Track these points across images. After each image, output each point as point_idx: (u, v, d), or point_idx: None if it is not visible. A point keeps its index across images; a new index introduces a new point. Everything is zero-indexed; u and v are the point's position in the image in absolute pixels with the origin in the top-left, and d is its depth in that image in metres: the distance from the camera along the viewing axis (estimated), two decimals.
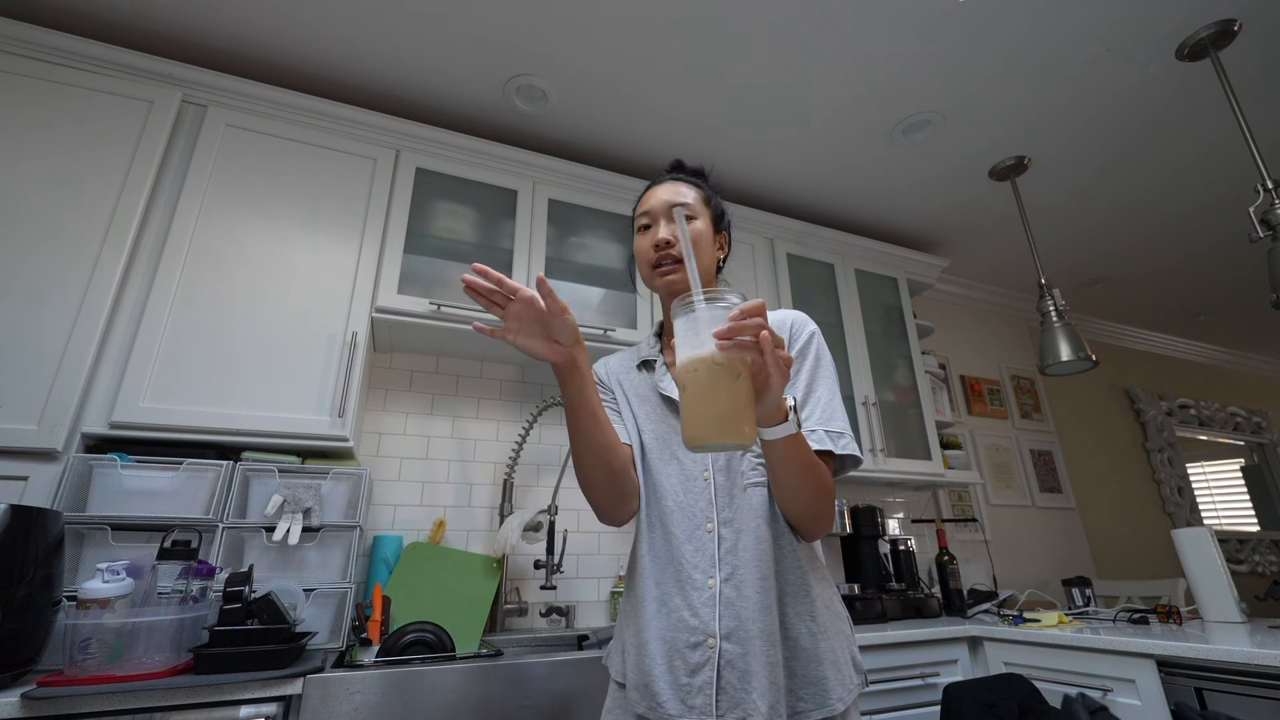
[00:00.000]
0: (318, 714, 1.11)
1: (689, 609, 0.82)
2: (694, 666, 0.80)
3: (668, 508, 0.89)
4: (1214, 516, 4.01)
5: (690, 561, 0.84)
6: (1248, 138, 1.77)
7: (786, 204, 2.63)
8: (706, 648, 0.80)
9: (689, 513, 0.87)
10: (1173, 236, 2.97)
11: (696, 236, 0.93)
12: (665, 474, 0.91)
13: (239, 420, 1.47)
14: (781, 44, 1.83)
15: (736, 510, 0.85)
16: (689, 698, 0.79)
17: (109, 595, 1.07)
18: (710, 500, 0.86)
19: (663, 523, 0.88)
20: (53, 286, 1.40)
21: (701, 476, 0.88)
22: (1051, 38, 1.82)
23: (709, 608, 0.81)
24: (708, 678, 0.78)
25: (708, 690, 0.78)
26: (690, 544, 0.85)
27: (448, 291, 1.92)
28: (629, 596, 0.92)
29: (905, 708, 1.68)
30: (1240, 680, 1.29)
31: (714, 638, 0.80)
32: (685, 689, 0.79)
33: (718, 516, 0.85)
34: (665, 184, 0.99)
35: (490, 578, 1.74)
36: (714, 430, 0.59)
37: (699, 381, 0.61)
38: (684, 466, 0.90)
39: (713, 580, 0.82)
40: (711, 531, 0.85)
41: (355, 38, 1.79)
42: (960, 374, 3.27)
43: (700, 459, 0.89)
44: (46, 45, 1.58)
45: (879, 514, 2.26)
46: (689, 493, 0.88)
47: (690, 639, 0.81)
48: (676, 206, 0.90)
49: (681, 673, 0.80)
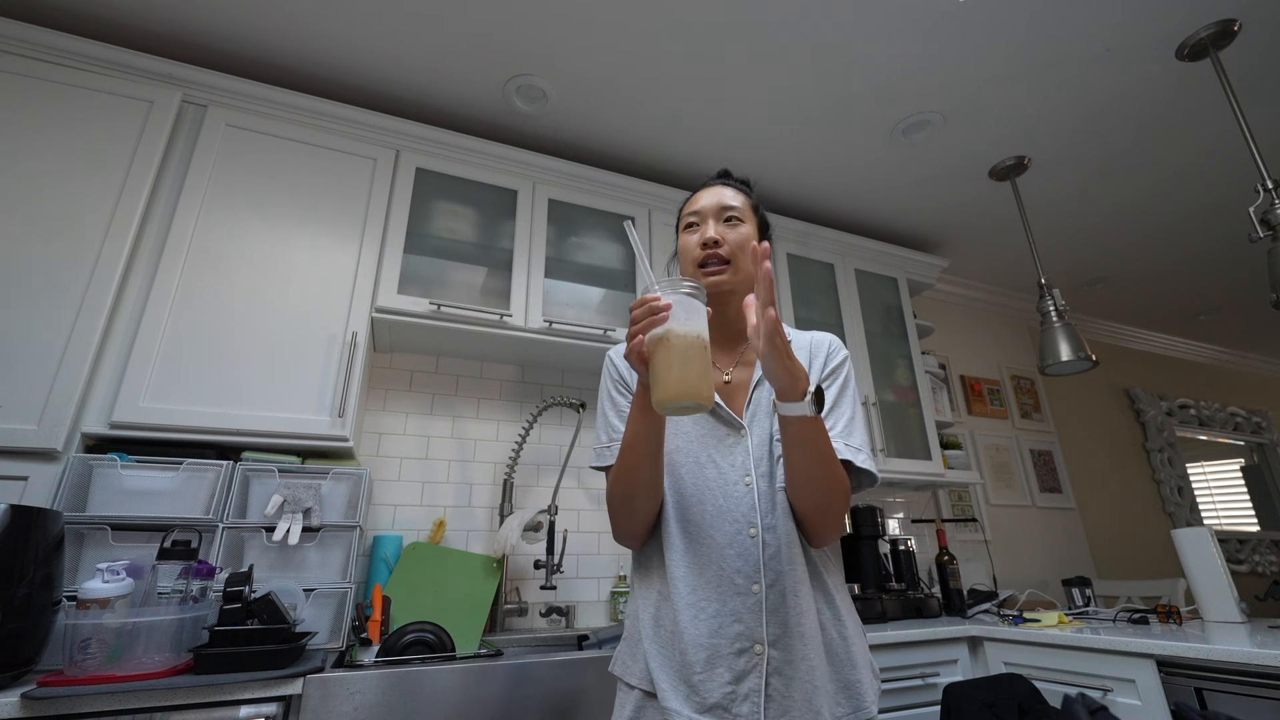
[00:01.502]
0: (318, 714, 1.11)
1: (733, 615, 0.81)
2: (740, 674, 0.79)
3: (707, 513, 0.86)
4: (1214, 516, 4.01)
5: (733, 567, 0.83)
6: (1248, 138, 1.77)
7: (786, 204, 2.63)
8: (754, 654, 0.79)
9: (730, 518, 0.85)
10: (1173, 236, 2.97)
11: (743, 240, 0.96)
12: (701, 478, 0.89)
13: (239, 420, 1.47)
14: (782, 43, 1.83)
15: (777, 516, 0.85)
16: (734, 704, 0.77)
17: (109, 595, 1.07)
18: (753, 505, 0.85)
19: (700, 528, 0.86)
20: (53, 286, 1.40)
21: (743, 481, 0.87)
22: (1051, 38, 1.82)
23: (754, 613, 0.80)
24: (755, 684, 0.78)
25: (755, 698, 0.77)
26: (732, 549, 0.84)
27: (448, 291, 1.92)
28: (651, 602, 0.88)
29: (905, 708, 1.68)
30: (1240, 680, 1.29)
31: (761, 644, 0.79)
32: (730, 696, 0.78)
33: (761, 522, 0.84)
34: (714, 187, 1.01)
35: (490, 578, 1.74)
36: (674, 393, 0.69)
37: (660, 354, 0.71)
38: (722, 471, 0.88)
39: (757, 586, 0.81)
40: (755, 537, 0.84)
41: (355, 38, 1.79)
42: (960, 374, 3.27)
43: (740, 464, 0.88)
44: (46, 45, 1.58)
45: (879, 514, 2.26)
46: (729, 498, 0.86)
47: (736, 645, 0.80)
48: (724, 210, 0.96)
49: (725, 680, 0.79)
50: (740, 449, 0.89)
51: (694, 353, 0.70)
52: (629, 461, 0.84)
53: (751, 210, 1.01)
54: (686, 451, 0.91)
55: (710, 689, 0.78)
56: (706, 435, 0.91)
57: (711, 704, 0.78)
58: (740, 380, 0.95)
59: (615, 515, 0.89)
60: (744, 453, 0.88)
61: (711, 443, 0.90)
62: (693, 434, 0.91)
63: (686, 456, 0.90)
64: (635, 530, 0.89)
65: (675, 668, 0.82)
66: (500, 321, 1.85)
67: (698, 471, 0.89)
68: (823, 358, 0.97)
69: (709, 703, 0.78)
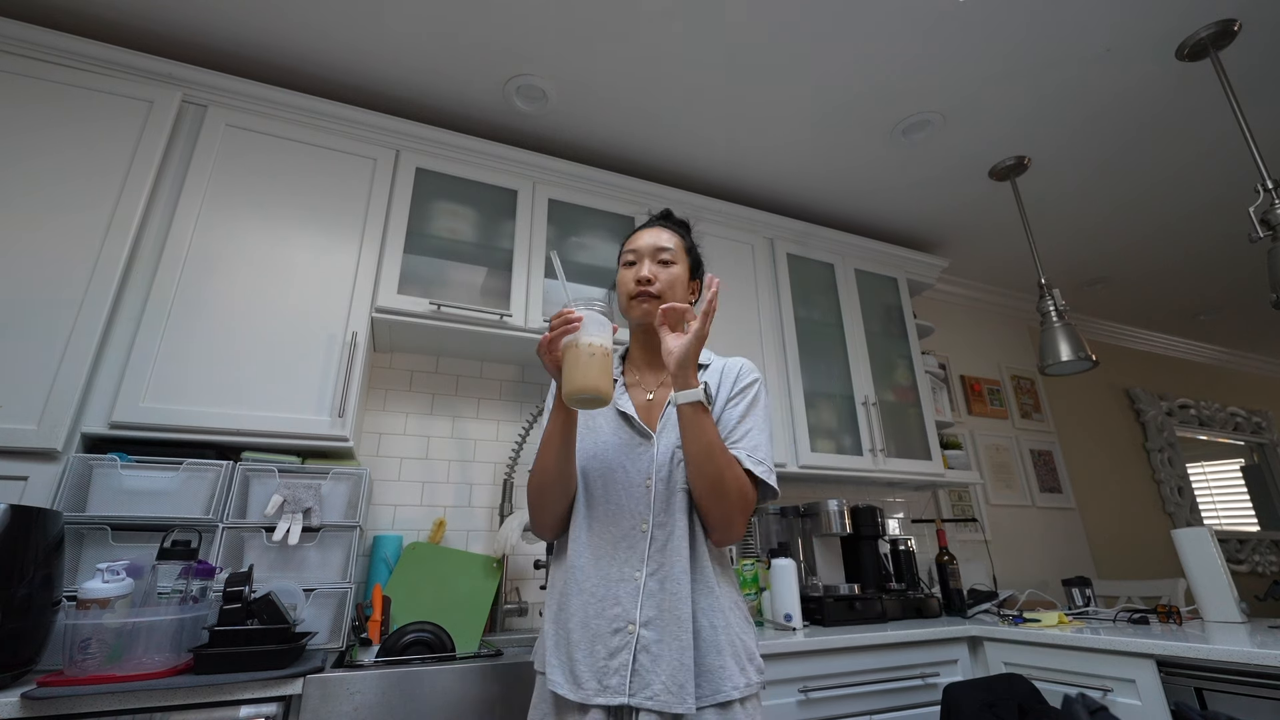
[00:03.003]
0: (318, 714, 1.11)
1: (614, 599, 0.93)
2: (613, 650, 0.90)
3: (610, 510, 0.99)
4: (1214, 516, 4.01)
5: (623, 557, 0.95)
6: (1248, 138, 1.77)
7: (786, 204, 2.63)
8: (627, 633, 0.90)
9: (628, 513, 0.98)
10: (1173, 236, 2.97)
11: (673, 279, 1.08)
12: (611, 480, 1.01)
13: (239, 420, 1.47)
14: (782, 43, 1.83)
15: (670, 514, 0.97)
16: (605, 678, 0.88)
17: (109, 595, 1.07)
18: (649, 504, 0.98)
19: (603, 524, 0.99)
20: (53, 286, 1.40)
21: (644, 483, 0.99)
22: (1051, 38, 1.82)
23: (633, 598, 0.92)
24: (624, 660, 0.89)
25: (623, 671, 0.88)
26: (625, 541, 0.96)
27: (448, 291, 1.92)
28: (557, 590, 1.00)
29: (905, 708, 1.68)
30: (1240, 680, 1.29)
31: (634, 624, 0.90)
32: (603, 670, 0.89)
33: (653, 519, 0.97)
34: (654, 229, 1.13)
35: (490, 578, 1.74)
36: (577, 387, 0.86)
37: (569, 357, 0.88)
38: (629, 474, 1.01)
39: (639, 574, 0.94)
40: (645, 531, 0.96)
41: (355, 38, 1.79)
42: (960, 374, 3.27)
43: (644, 469, 1.00)
44: (46, 45, 1.58)
45: (879, 514, 2.26)
46: (630, 497, 0.99)
47: (613, 626, 0.91)
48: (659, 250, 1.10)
49: (601, 655, 0.90)
50: (647, 455, 1.02)
51: (597, 357, 0.87)
52: (543, 456, 0.99)
53: (685, 252, 1.13)
54: (602, 458, 1.03)
55: (587, 664, 0.90)
56: (623, 444, 1.03)
57: (586, 678, 0.89)
58: (659, 399, 1.09)
59: (530, 506, 1.03)
60: (650, 459, 1.01)
61: (625, 450, 1.03)
62: (610, 443, 1.04)
63: (602, 462, 1.03)
64: (547, 520, 1.02)
65: (564, 648, 0.93)
66: (500, 321, 1.85)
67: (609, 474, 1.02)
68: (732, 378, 1.08)
69: (584, 677, 0.89)
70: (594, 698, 0.87)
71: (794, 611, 1.79)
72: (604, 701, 0.87)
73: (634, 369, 1.16)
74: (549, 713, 0.93)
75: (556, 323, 0.90)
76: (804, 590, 1.99)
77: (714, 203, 2.37)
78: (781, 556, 1.88)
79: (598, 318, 0.90)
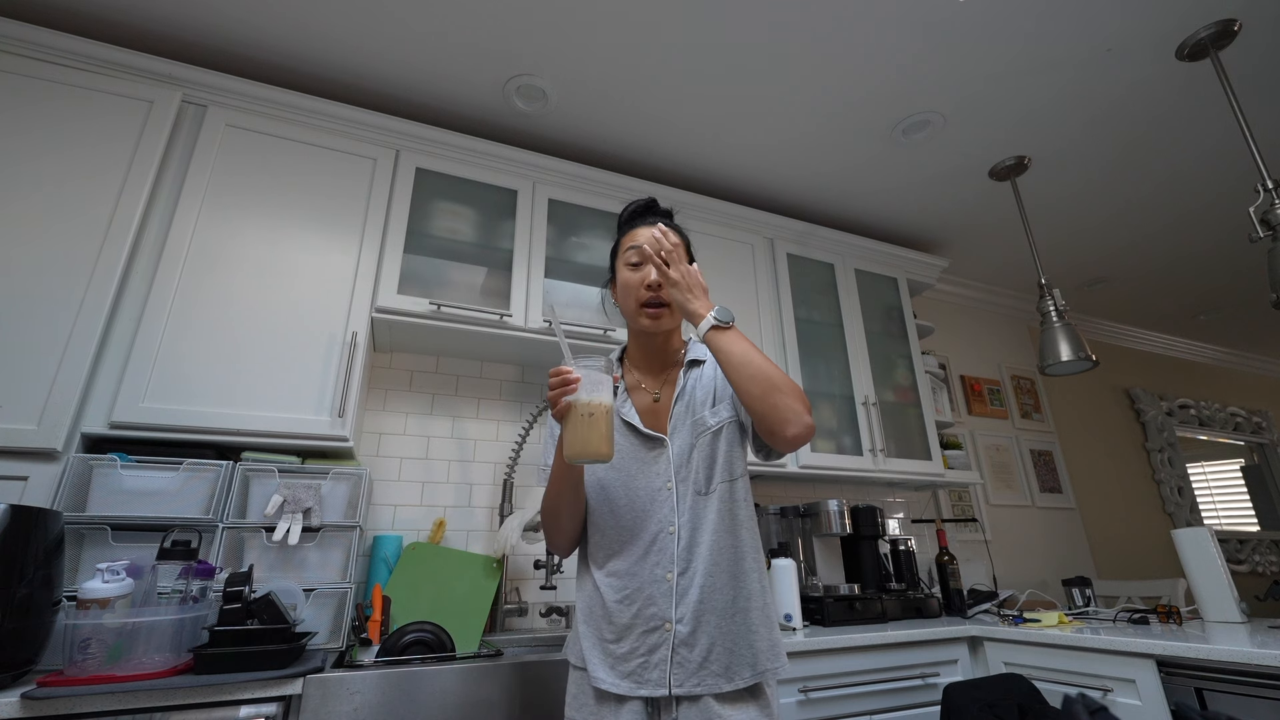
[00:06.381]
0: (318, 714, 1.11)
1: (649, 600, 0.97)
2: (653, 646, 0.95)
3: (636, 518, 1.02)
4: (1214, 516, 4.01)
5: (654, 560, 0.99)
6: (1248, 138, 1.77)
7: (786, 204, 2.63)
8: (664, 631, 0.95)
9: (654, 519, 1.01)
10: (1173, 236, 2.97)
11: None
12: (631, 488, 1.04)
13: (239, 420, 1.47)
14: (782, 43, 1.83)
15: (695, 515, 1.01)
16: (646, 671, 0.94)
17: (109, 595, 1.07)
18: (673, 507, 1.01)
19: (630, 530, 1.02)
20: (53, 286, 1.40)
21: (665, 487, 1.03)
22: (1051, 38, 1.82)
23: (667, 598, 0.97)
24: (664, 655, 0.94)
25: (663, 665, 0.93)
26: (655, 545, 1.00)
27: (448, 291, 1.92)
28: (590, 594, 1.04)
29: (905, 708, 1.68)
30: (1240, 680, 1.29)
31: (670, 622, 0.95)
32: (644, 665, 0.94)
33: (678, 521, 1.00)
34: (654, 227, 1.11)
35: (490, 578, 1.74)
36: (576, 451, 0.90)
37: (569, 419, 0.91)
38: (649, 480, 1.03)
39: (670, 575, 0.98)
40: (673, 533, 1.00)
41: (355, 38, 1.79)
42: (960, 374, 3.27)
43: (663, 471, 1.03)
44: (46, 45, 1.58)
45: (879, 514, 2.26)
46: (654, 502, 1.02)
47: (650, 624, 0.96)
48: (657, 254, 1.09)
49: (641, 652, 0.95)
50: (663, 459, 1.04)
51: (595, 418, 0.90)
52: (553, 490, 1.03)
53: (686, 248, 1.14)
54: (620, 468, 1.06)
55: (629, 660, 0.95)
56: (637, 452, 1.06)
57: (628, 672, 0.94)
58: (665, 398, 1.11)
59: (545, 529, 1.07)
60: (666, 462, 1.04)
61: (641, 457, 1.06)
62: (625, 451, 1.07)
63: (620, 473, 1.06)
64: (561, 542, 1.07)
65: (602, 646, 0.98)
66: (500, 321, 1.85)
67: (629, 483, 1.04)
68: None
69: (626, 671, 0.94)
70: (636, 690, 0.93)
71: (794, 612, 1.79)
72: (646, 694, 0.92)
73: (634, 369, 1.16)
74: (587, 703, 0.98)
75: (554, 383, 0.92)
76: (804, 590, 1.99)
77: (714, 203, 2.37)
78: (781, 556, 1.88)
79: (594, 376, 0.92)
